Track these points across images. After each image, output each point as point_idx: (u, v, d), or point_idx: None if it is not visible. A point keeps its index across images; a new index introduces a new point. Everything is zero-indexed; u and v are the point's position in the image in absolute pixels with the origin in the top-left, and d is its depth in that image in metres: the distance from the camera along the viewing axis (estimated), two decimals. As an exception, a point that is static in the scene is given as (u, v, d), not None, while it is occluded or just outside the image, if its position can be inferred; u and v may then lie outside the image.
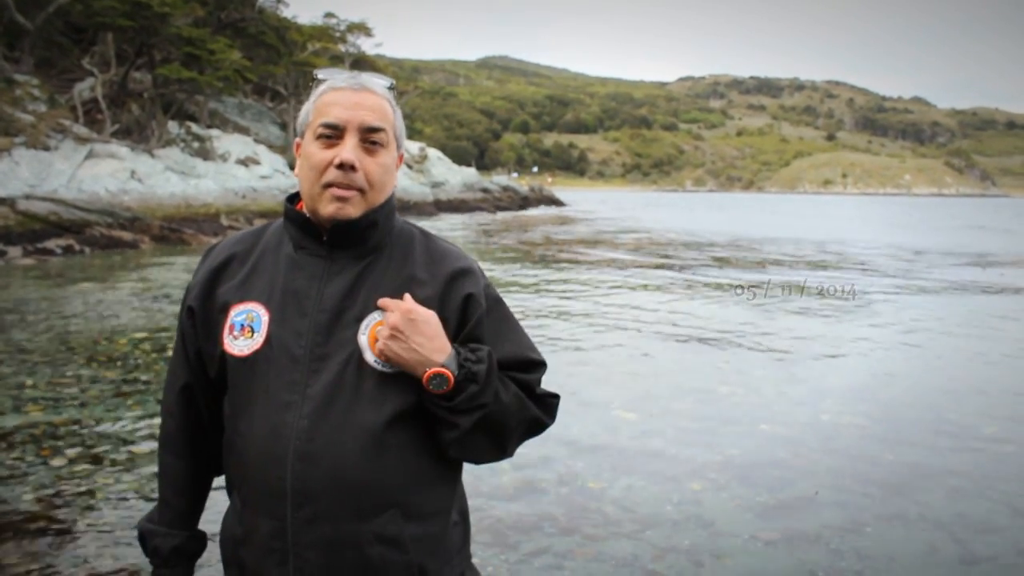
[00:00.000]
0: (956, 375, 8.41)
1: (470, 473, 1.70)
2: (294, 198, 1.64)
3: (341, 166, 1.50)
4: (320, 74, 1.61)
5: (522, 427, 1.60)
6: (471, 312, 1.57)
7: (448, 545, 1.59)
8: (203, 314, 1.61)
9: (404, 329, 1.46)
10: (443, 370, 1.46)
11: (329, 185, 1.51)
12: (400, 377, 1.50)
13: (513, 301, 12.71)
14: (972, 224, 49.65)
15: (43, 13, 28.21)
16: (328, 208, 1.51)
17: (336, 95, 1.55)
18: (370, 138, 1.53)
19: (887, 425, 6.50)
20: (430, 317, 1.49)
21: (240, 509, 1.55)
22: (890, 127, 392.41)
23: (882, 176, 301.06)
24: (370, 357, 1.50)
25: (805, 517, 4.65)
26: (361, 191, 1.52)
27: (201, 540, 1.73)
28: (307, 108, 1.60)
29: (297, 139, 1.63)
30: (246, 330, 1.54)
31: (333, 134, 1.52)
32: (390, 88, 1.62)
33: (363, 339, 1.50)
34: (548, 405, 1.65)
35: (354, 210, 1.52)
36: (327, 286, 1.54)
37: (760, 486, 5.11)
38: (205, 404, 1.67)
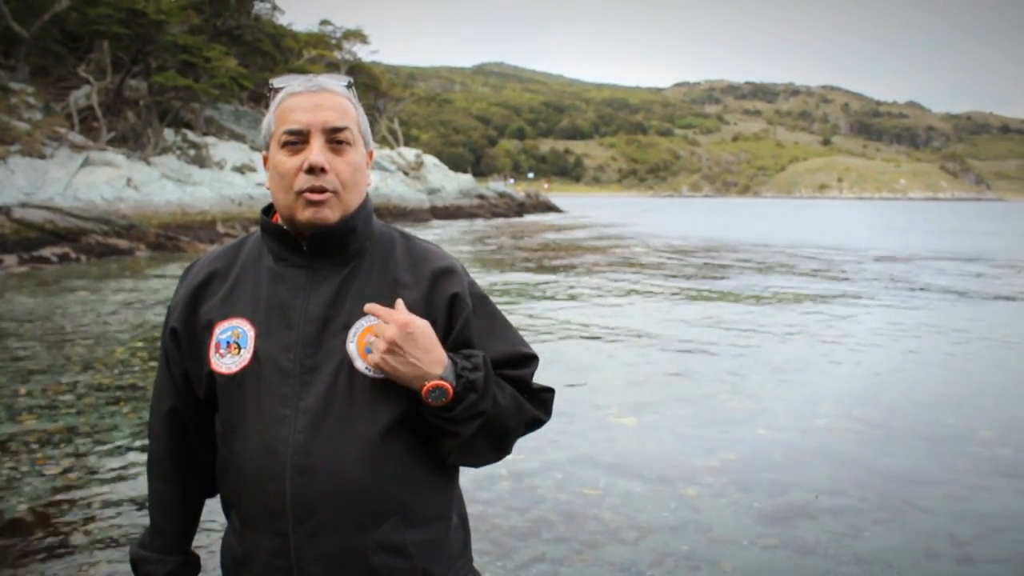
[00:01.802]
0: (952, 379, 8.41)
1: (467, 480, 1.70)
2: (269, 209, 1.62)
3: (311, 170, 1.47)
4: (276, 82, 1.58)
5: (520, 427, 1.59)
6: (457, 312, 1.55)
7: (450, 549, 1.58)
8: (187, 334, 1.59)
9: (402, 344, 1.43)
10: (442, 383, 1.44)
11: (302, 192, 1.48)
12: (393, 383, 1.48)
13: (508, 307, 12.71)
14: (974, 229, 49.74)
15: (39, 21, 28.22)
16: (304, 214, 1.49)
17: (295, 100, 1.52)
18: (336, 138, 1.51)
19: (884, 429, 6.50)
20: (426, 328, 1.46)
21: (239, 528, 1.53)
22: (885, 131, 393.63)
23: (877, 180, 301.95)
24: (360, 365, 1.48)
25: (803, 522, 4.64)
26: (334, 193, 1.50)
27: (195, 564, 1.70)
28: (268, 119, 1.57)
29: (263, 152, 1.60)
30: (232, 347, 1.52)
31: (298, 140, 1.50)
32: (348, 86, 1.59)
33: (352, 347, 1.48)
34: (543, 400, 1.63)
35: (331, 213, 1.49)
36: (311, 296, 1.51)
37: (758, 491, 5.10)
38: (194, 425, 1.64)
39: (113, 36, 28.54)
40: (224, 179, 30.80)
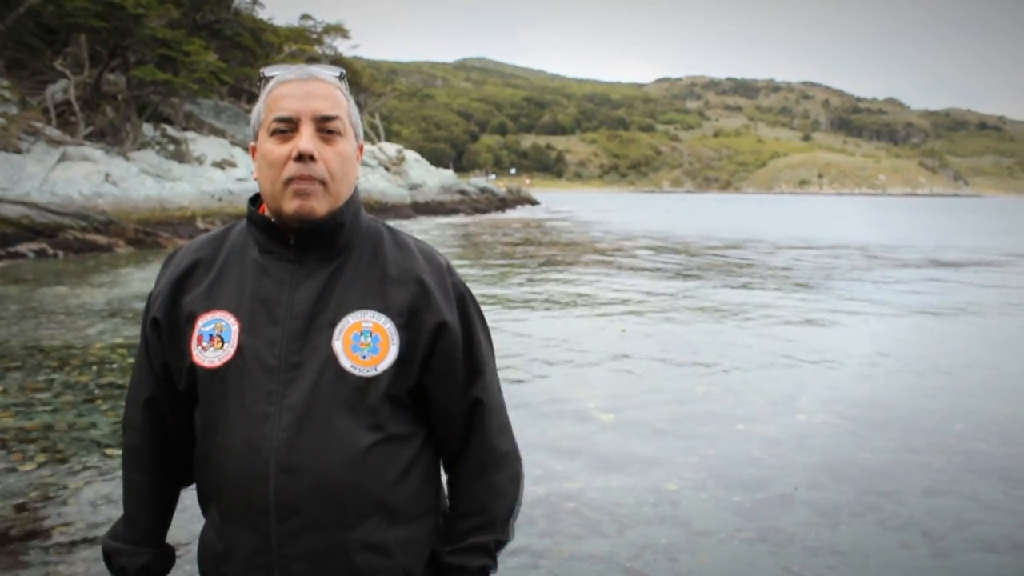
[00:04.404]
0: (928, 374, 8.49)
1: (446, 475, 1.69)
2: (256, 199, 1.59)
3: (300, 158, 1.45)
4: (267, 71, 1.57)
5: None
6: (442, 343, 1.54)
7: (432, 548, 1.57)
8: (169, 325, 1.55)
9: None
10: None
11: (290, 180, 1.46)
12: (377, 381, 1.47)
13: (489, 303, 12.71)
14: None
15: (13, 14, 27.86)
16: (291, 205, 1.46)
17: (286, 88, 1.50)
18: (326, 127, 1.48)
19: (861, 424, 6.55)
20: None
21: (220, 524, 1.50)
22: (865, 128, 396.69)
23: (857, 176, 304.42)
24: (346, 363, 1.46)
25: (781, 515, 4.67)
26: (323, 183, 1.47)
27: (169, 556, 1.67)
28: (258, 107, 1.55)
29: (252, 142, 1.58)
30: (215, 340, 1.49)
31: (288, 127, 1.47)
32: (340, 77, 1.57)
33: (337, 344, 1.46)
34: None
35: (318, 204, 1.47)
36: (297, 291, 1.49)
37: (736, 485, 5.14)
38: (172, 416, 1.61)
39: (90, 29, 28.23)
40: (204, 174, 30.59)
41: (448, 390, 1.56)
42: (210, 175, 30.88)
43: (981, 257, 24.02)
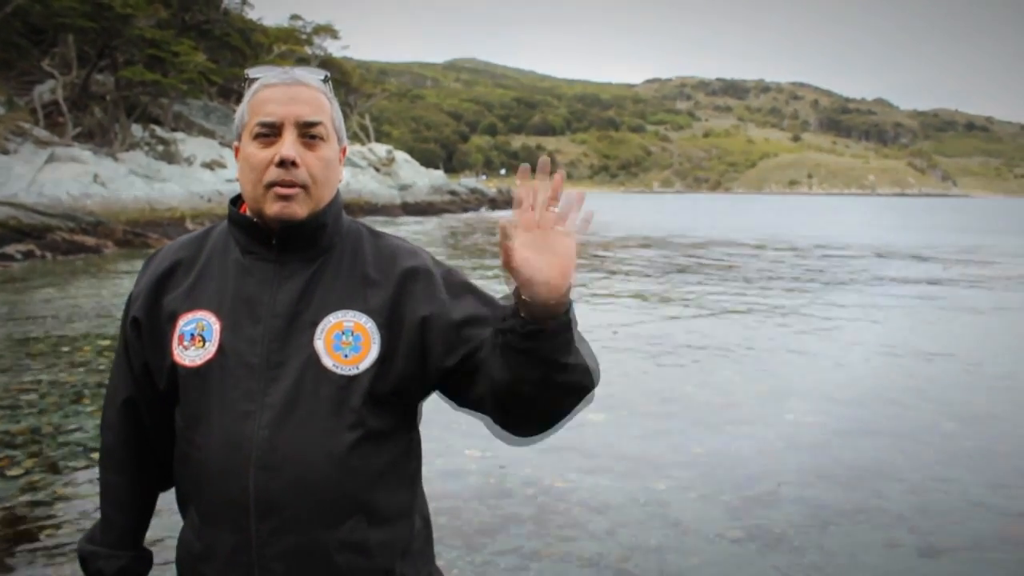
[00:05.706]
0: (916, 374, 8.53)
1: (435, 473, 1.69)
2: (237, 200, 1.59)
3: (282, 163, 1.45)
4: (252, 73, 1.56)
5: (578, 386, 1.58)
6: (432, 336, 1.51)
7: (413, 548, 1.57)
8: (149, 325, 1.55)
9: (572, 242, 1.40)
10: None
11: (272, 185, 1.46)
12: (359, 379, 1.47)
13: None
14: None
15: (0, 14, 27.73)
16: (273, 208, 1.46)
17: (269, 92, 1.50)
18: (309, 132, 1.49)
19: (850, 423, 6.58)
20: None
21: (198, 524, 1.50)
22: (854, 128, 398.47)
23: (847, 176, 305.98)
24: (328, 361, 1.46)
25: (769, 514, 4.69)
26: (305, 187, 1.48)
27: (147, 560, 1.66)
28: (242, 109, 1.55)
29: (235, 143, 1.58)
30: (196, 339, 1.49)
31: (270, 132, 1.48)
32: (324, 80, 1.57)
33: (319, 343, 1.46)
34: None
35: (300, 208, 1.47)
36: (279, 291, 1.49)
37: (725, 485, 5.15)
38: (150, 417, 1.61)
39: (78, 29, 28.13)
40: (193, 175, 30.53)
41: (465, 337, 1.52)
42: (199, 176, 30.82)
43: (970, 257, 24.15)
